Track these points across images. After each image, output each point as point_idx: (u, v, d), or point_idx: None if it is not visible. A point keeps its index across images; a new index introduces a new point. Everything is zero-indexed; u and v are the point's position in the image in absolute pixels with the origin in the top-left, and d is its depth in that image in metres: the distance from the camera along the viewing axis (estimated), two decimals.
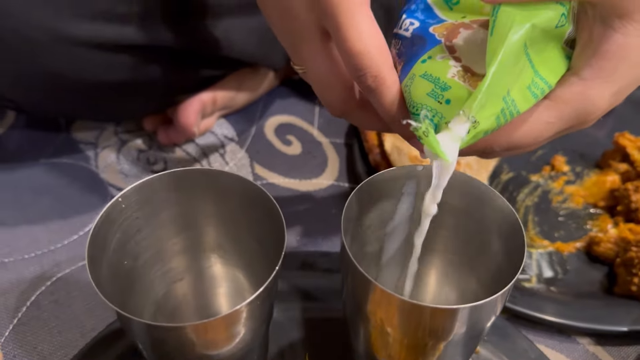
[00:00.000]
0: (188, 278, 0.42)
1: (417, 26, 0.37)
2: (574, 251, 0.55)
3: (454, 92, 0.31)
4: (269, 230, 0.36)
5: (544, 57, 0.32)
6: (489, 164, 0.60)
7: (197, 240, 0.40)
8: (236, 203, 0.38)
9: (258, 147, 0.65)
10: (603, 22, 0.31)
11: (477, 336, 0.37)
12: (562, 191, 0.60)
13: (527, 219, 0.57)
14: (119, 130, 0.65)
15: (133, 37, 0.47)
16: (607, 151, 0.62)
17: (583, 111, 0.33)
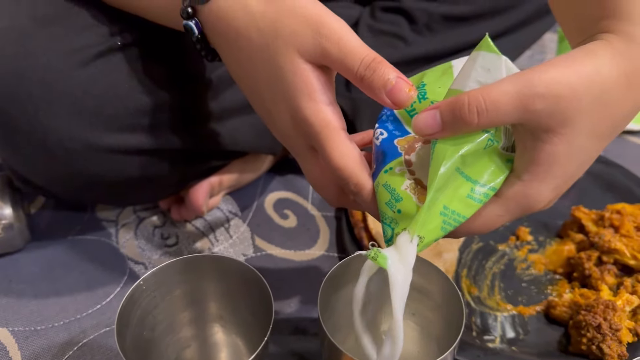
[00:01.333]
0: (194, 345, 0.50)
1: (385, 137, 0.45)
2: (534, 314, 0.62)
3: (404, 204, 0.40)
4: (260, 303, 0.44)
5: (480, 170, 0.40)
6: None
7: (202, 313, 0.49)
8: (234, 281, 0.46)
9: (258, 220, 0.73)
10: (533, 135, 0.37)
11: None
12: (526, 259, 0.68)
13: (494, 285, 0.65)
14: (137, 208, 0.74)
15: (152, 143, 0.57)
16: (566, 222, 0.70)
17: (526, 206, 0.41)
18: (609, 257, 0.63)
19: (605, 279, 0.61)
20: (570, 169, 0.39)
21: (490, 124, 0.37)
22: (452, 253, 0.66)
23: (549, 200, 0.41)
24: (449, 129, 0.38)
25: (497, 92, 0.36)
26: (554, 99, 0.35)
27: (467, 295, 0.64)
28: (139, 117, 0.55)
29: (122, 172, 0.57)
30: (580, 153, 0.39)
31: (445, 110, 0.38)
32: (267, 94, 0.44)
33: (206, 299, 0.48)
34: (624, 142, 0.85)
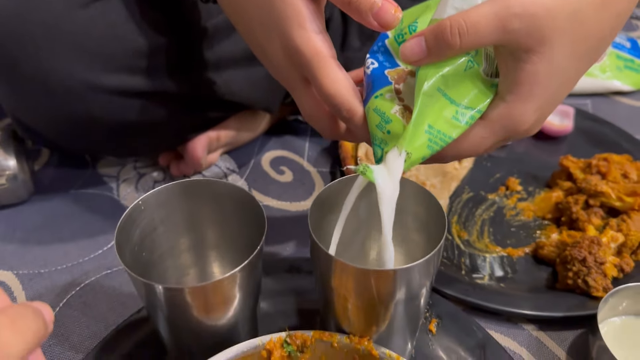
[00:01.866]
0: (193, 272, 0.52)
1: (376, 67, 0.48)
2: (522, 255, 0.64)
3: (394, 125, 0.42)
4: (256, 227, 0.46)
5: (462, 92, 0.42)
6: (450, 185, 0.70)
7: (199, 240, 0.51)
8: (230, 206, 0.48)
9: (255, 176, 0.75)
10: (513, 56, 0.39)
11: (418, 297, 0.45)
12: (515, 207, 0.69)
13: (483, 230, 0.67)
14: (137, 165, 0.76)
15: (149, 86, 0.59)
16: (555, 172, 0.72)
17: (510, 127, 0.42)
18: (596, 200, 0.64)
19: (592, 220, 0.63)
20: (551, 89, 0.41)
21: (472, 45, 0.39)
22: (443, 201, 0.68)
23: (533, 121, 0.42)
24: (434, 54, 0.40)
25: (476, 14, 0.38)
26: (530, 17, 0.37)
27: (456, 239, 0.65)
28: (136, 59, 0.57)
29: (120, 115, 0.59)
30: (560, 72, 0.41)
31: (429, 35, 0.40)
32: (259, 28, 0.46)
33: (203, 226, 0.50)
34: (614, 102, 0.87)
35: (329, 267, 0.43)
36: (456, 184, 0.71)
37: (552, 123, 0.78)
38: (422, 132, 0.41)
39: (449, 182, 0.70)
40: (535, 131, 0.45)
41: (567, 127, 0.78)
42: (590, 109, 0.86)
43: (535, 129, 0.45)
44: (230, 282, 0.42)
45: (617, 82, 0.87)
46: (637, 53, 0.90)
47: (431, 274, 0.45)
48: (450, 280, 0.59)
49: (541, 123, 0.45)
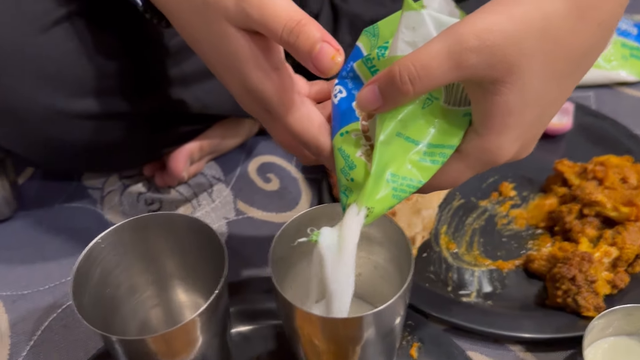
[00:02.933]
0: (161, 304, 0.51)
1: (344, 96, 0.43)
2: (513, 268, 0.61)
3: (357, 172, 0.39)
4: (217, 259, 0.45)
5: (425, 132, 0.38)
6: (440, 193, 0.68)
7: (163, 272, 0.50)
8: (189, 238, 0.47)
9: (241, 185, 0.74)
10: (481, 88, 0.36)
11: (389, 335, 0.44)
12: (507, 214, 0.67)
13: (473, 241, 0.64)
14: (122, 175, 0.75)
15: (116, 108, 0.57)
16: (549, 176, 0.69)
17: (487, 160, 0.39)
18: (591, 209, 0.61)
19: (586, 231, 0.60)
20: (529, 116, 0.38)
21: (426, 89, 0.35)
22: (431, 210, 0.65)
23: (514, 151, 0.39)
24: (390, 101, 0.37)
25: (426, 56, 0.34)
26: (488, 49, 0.33)
27: (444, 251, 0.63)
28: (100, 82, 0.55)
29: (91, 137, 0.58)
30: (538, 97, 0.37)
31: (382, 83, 0.36)
32: (213, 61, 0.43)
33: (165, 259, 0.49)
34: (618, 93, 0.83)
35: (291, 314, 0.42)
36: (446, 190, 0.68)
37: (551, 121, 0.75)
38: (384, 182, 0.38)
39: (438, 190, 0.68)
40: (524, 156, 0.42)
41: (566, 125, 0.75)
42: (593, 101, 0.82)
43: (523, 155, 0.42)
44: (191, 327, 0.41)
45: (622, 72, 0.82)
46: None
47: (402, 310, 0.43)
48: (435, 299, 0.57)
49: (529, 148, 0.42)
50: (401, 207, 0.65)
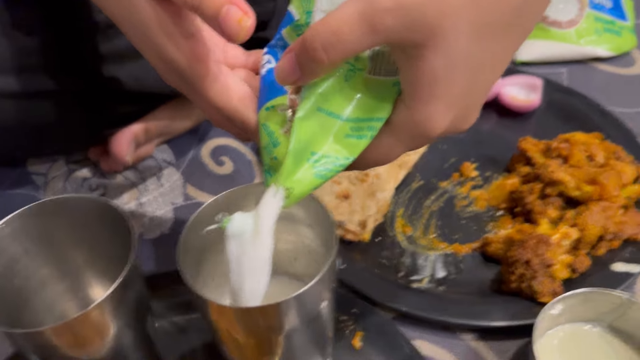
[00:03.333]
0: (78, 297, 0.48)
1: (273, 67, 0.39)
2: (470, 252, 0.58)
3: (280, 149, 0.36)
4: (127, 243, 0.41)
5: (350, 105, 0.35)
6: (398, 174, 0.64)
7: (75, 261, 0.46)
8: (99, 223, 0.43)
9: (193, 169, 0.70)
10: (404, 53, 0.32)
11: (315, 321, 0.40)
12: (468, 196, 0.63)
13: (429, 224, 0.61)
14: (69, 160, 0.72)
15: (40, 86, 0.54)
16: (514, 155, 0.65)
17: (418, 133, 0.35)
18: (553, 189, 0.58)
19: (548, 212, 0.57)
20: (459, 83, 0.33)
21: (342, 56, 0.31)
22: (387, 192, 0.62)
23: (447, 123, 0.35)
24: (307, 72, 0.33)
25: (336, 21, 0.30)
26: (404, 9, 0.30)
27: (399, 235, 0.60)
28: (18, 60, 0.52)
29: (15, 118, 0.55)
30: (468, 61, 0.33)
31: (297, 52, 0.33)
32: (130, 33, 0.39)
33: (75, 246, 0.45)
34: (592, 69, 0.79)
35: (205, 308, 0.38)
36: (405, 172, 0.65)
37: (517, 98, 0.71)
38: (305, 161, 0.34)
39: (397, 171, 0.64)
40: (463, 129, 0.38)
41: (534, 101, 0.71)
42: (566, 78, 0.78)
43: (461, 127, 0.37)
44: (97, 313, 0.38)
45: (596, 48, 0.78)
46: (619, 13, 0.81)
47: (327, 294, 0.40)
48: (383, 286, 0.54)
49: (468, 119, 0.37)
50: (355, 190, 0.62)
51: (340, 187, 0.62)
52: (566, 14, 0.79)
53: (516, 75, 0.72)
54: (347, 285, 0.54)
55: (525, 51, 0.79)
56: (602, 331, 0.49)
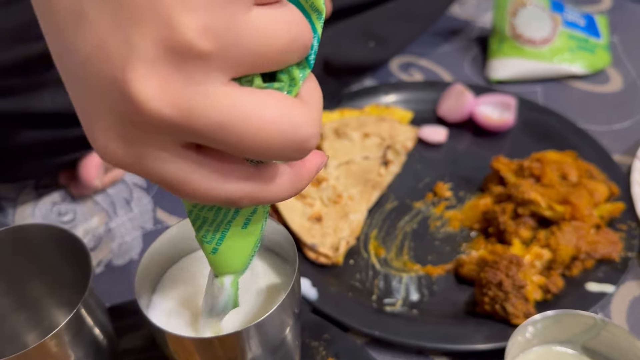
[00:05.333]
0: (42, 325, 0.46)
1: None
2: (443, 274, 0.57)
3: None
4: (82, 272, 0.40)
5: None
6: (371, 195, 0.63)
7: (36, 291, 0.45)
8: (57, 251, 0.42)
9: (164, 192, 0.69)
10: None
11: (280, 349, 0.39)
12: (442, 216, 0.63)
13: (403, 245, 0.60)
14: (38, 185, 0.70)
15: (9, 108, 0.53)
16: (487, 175, 0.64)
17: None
18: (525, 209, 0.57)
19: (520, 232, 0.56)
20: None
21: None
22: (360, 214, 0.61)
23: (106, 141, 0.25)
24: None
25: None
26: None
27: (372, 257, 0.59)
28: None
29: None
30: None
31: None
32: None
33: (33, 277, 0.44)
34: (566, 87, 0.79)
35: (162, 339, 0.37)
36: (378, 193, 0.64)
37: (491, 117, 0.71)
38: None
39: (370, 192, 0.63)
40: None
41: (508, 120, 0.71)
42: (540, 96, 0.78)
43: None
44: (54, 343, 0.36)
45: (570, 65, 0.78)
46: (593, 31, 0.82)
47: (291, 320, 0.39)
48: (356, 310, 0.53)
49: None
50: (328, 212, 0.61)
51: (313, 210, 0.61)
52: (540, 32, 0.79)
53: (490, 95, 0.72)
54: (319, 311, 0.53)
55: (499, 69, 0.79)
56: (576, 353, 0.48)
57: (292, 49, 0.24)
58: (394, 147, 0.68)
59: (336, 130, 0.69)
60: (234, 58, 0.22)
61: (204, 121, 0.22)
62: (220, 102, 0.22)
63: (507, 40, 0.80)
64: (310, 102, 0.26)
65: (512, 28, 0.80)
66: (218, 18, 0.21)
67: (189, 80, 0.22)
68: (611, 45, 0.84)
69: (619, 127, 0.73)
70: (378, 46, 0.76)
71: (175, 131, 0.22)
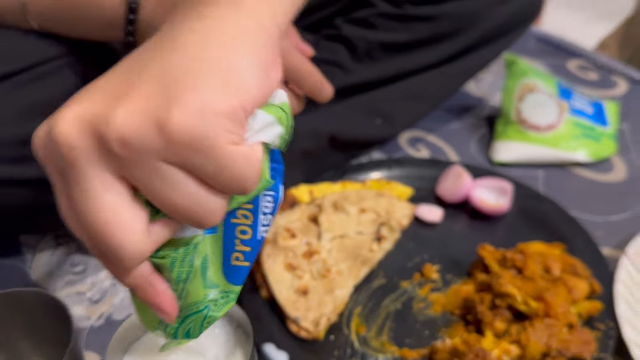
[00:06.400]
0: None
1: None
2: (418, 357, 0.59)
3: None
4: None
5: None
6: (360, 271, 0.66)
7: (24, 349, 0.49)
8: (40, 316, 0.47)
9: None
10: None
11: None
12: (426, 298, 0.65)
13: (384, 325, 0.62)
14: (58, 234, 0.76)
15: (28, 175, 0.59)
16: (473, 261, 0.67)
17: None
18: (502, 300, 0.59)
19: (495, 324, 0.58)
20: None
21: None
22: (345, 290, 0.64)
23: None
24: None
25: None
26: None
27: (353, 334, 0.61)
28: (7, 150, 0.57)
29: (6, 202, 0.59)
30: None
31: None
32: None
33: (22, 337, 0.49)
34: (570, 174, 0.81)
35: None
36: (367, 269, 0.67)
37: (487, 201, 0.73)
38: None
39: (359, 268, 0.66)
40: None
41: (503, 206, 0.73)
42: (542, 181, 0.80)
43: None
44: None
45: (574, 153, 0.80)
46: (600, 119, 0.83)
47: None
48: None
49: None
50: (315, 285, 0.64)
51: (301, 282, 0.64)
52: (545, 119, 0.81)
53: (487, 178, 0.75)
54: None
55: (502, 152, 0.82)
56: None
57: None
58: (389, 224, 0.71)
59: (335, 203, 0.73)
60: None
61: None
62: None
63: (512, 123, 0.82)
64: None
65: (517, 112, 0.82)
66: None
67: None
68: (619, 133, 0.86)
69: (616, 218, 0.74)
70: (385, 123, 0.79)
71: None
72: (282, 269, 0.65)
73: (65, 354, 0.42)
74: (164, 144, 0.30)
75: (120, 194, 0.31)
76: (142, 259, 0.33)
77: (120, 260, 0.32)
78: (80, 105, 0.31)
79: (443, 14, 0.78)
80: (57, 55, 0.60)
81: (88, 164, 0.31)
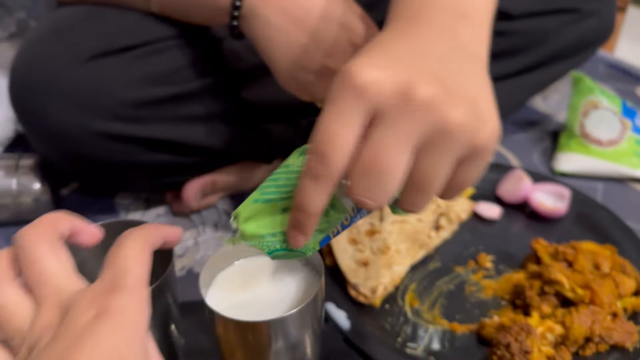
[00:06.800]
0: None
1: None
2: (466, 332, 0.64)
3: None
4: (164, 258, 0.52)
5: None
6: (417, 253, 0.71)
7: None
8: None
9: None
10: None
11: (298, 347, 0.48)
12: (478, 283, 0.69)
13: (437, 301, 0.67)
14: (149, 198, 0.86)
15: (137, 133, 0.68)
16: (527, 254, 0.71)
17: (342, 83, 0.38)
18: (551, 287, 0.63)
19: (542, 307, 0.62)
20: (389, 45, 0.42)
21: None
22: (403, 267, 0.69)
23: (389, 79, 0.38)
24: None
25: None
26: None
27: (407, 306, 0.67)
28: (125, 110, 0.66)
29: (113, 156, 0.69)
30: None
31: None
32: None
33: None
34: (628, 189, 0.83)
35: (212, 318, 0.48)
36: (424, 252, 0.72)
37: (545, 204, 0.77)
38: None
39: (416, 250, 0.72)
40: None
41: (560, 209, 0.76)
42: (600, 193, 0.83)
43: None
44: None
45: (633, 170, 0.83)
46: None
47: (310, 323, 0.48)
48: (381, 346, 0.61)
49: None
50: (375, 259, 0.70)
51: (362, 255, 0.70)
52: (607, 134, 0.85)
53: (547, 183, 0.79)
54: (348, 340, 0.62)
55: (563, 162, 0.85)
56: None
57: None
58: (448, 215, 0.76)
59: None
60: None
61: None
62: None
63: (575, 137, 0.86)
64: None
65: (581, 127, 0.86)
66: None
67: None
68: None
69: None
70: None
71: None
72: (345, 242, 0.71)
73: (165, 274, 0.49)
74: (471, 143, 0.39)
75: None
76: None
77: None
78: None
79: (516, 30, 0.84)
80: (169, 36, 0.70)
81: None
